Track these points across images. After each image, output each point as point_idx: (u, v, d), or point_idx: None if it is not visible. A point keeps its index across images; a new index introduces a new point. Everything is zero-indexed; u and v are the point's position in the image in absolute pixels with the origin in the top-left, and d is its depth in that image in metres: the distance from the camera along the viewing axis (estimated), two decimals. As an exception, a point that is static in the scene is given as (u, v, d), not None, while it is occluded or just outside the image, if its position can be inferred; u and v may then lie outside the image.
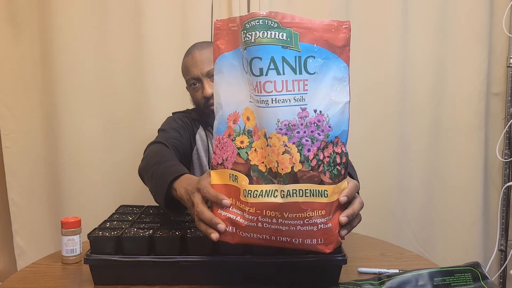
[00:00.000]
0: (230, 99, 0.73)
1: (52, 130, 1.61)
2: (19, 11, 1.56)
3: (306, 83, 0.68)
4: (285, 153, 0.66)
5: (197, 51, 1.23)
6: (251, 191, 0.68)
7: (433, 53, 1.70)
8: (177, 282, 0.86)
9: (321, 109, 0.69)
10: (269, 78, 0.67)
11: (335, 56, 0.71)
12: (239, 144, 0.71)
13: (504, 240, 1.75)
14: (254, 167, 0.69)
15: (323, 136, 0.68)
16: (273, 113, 0.67)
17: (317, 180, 0.67)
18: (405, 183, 1.75)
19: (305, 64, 0.68)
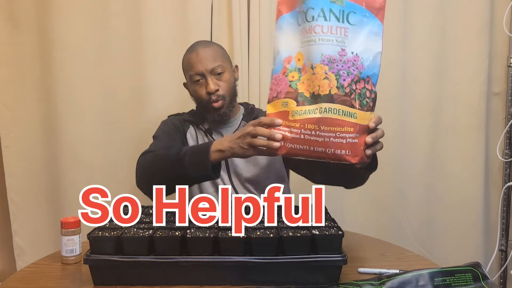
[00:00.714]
0: (285, 46, 0.92)
1: (52, 130, 1.61)
2: (19, 11, 1.56)
3: (347, 30, 0.87)
4: (325, 79, 0.86)
5: (201, 48, 1.25)
6: (297, 111, 0.87)
7: (433, 53, 1.70)
8: (177, 282, 0.85)
9: (357, 52, 0.87)
10: (318, 23, 0.86)
11: (372, 15, 0.88)
12: (291, 78, 0.91)
13: (504, 240, 1.75)
14: (301, 94, 0.89)
15: (357, 72, 0.86)
16: (319, 49, 0.86)
17: (349, 104, 0.85)
18: (405, 183, 1.75)
19: (348, 16, 0.87)
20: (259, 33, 1.63)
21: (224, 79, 1.26)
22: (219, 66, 1.24)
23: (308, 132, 0.85)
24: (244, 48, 1.64)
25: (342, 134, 0.84)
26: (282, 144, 0.88)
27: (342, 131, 0.84)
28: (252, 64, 1.64)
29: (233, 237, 0.84)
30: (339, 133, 0.84)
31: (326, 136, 0.84)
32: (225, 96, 1.27)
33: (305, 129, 0.85)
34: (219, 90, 1.25)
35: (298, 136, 0.86)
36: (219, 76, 1.25)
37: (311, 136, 0.85)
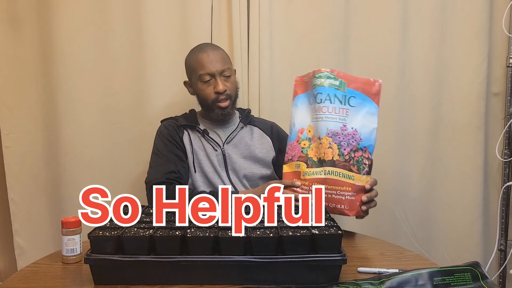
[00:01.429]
0: (299, 120, 1.17)
1: (52, 130, 1.61)
2: (19, 11, 1.56)
3: (348, 111, 1.11)
4: (329, 148, 1.10)
5: (211, 50, 1.34)
6: (307, 172, 1.12)
7: (433, 53, 1.71)
8: (177, 282, 0.86)
9: (356, 128, 1.11)
10: (325, 104, 1.12)
11: (369, 99, 1.12)
12: (303, 145, 1.15)
13: (503, 239, 1.75)
14: (310, 158, 1.13)
15: (355, 143, 1.10)
16: (325, 124, 1.11)
17: (348, 168, 1.09)
18: (405, 183, 1.75)
19: (349, 100, 1.12)
20: (259, 34, 1.63)
21: (231, 81, 1.34)
22: (228, 69, 1.33)
23: None
24: (244, 48, 1.64)
25: (342, 192, 1.07)
26: None
27: (342, 190, 1.07)
28: (252, 64, 1.64)
29: (233, 236, 0.84)
30: (339, 191, 1.08)
31: (329, 193, 1.08)
32: (232, 96, 1.35)
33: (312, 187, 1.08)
34: (227, 90, 1.32)
35: (307, 192, 1.07)
36: (227, 78, 1.33)
37: None
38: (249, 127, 1.43)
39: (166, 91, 1.63)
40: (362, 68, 1.69)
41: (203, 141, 1.36)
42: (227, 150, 1.36)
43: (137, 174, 1.63)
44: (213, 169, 1.34)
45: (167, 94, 1.63)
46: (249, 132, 1.42)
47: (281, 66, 1.67)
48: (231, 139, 1.38)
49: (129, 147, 1.63)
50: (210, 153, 1.34)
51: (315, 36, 1.66)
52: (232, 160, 1.36)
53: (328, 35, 1.66)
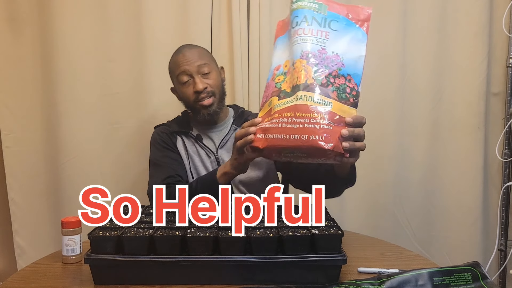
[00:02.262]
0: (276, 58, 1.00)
1: (52, 130, 1.61)
2: (19, 11, 1.56)
3: (328, 34, 0.93)
4: (302, 70, 0.90)
5: (186, 49, 1.28)
6: (278, 104, 0.91)
7: (433, 53, 1.71)
8: (177, 282, 0.86)
9: (338, 52, 0.92)
10: (301, 26, 0.94)
11: (355, 25, 0.95)
12: (277, 80, 0.96)
13: (503, 239, 1.75)
14: (283, 91, 0.93)
15: (335, 67, 0.91)
16: (299, 47, 0.92)
17: (324, 93, 0.88)
18: (405, 183, 1.75)
19: (330, 23, 0.94)
20: (259, 33, 1.63)
21: (211, 78, 1.27)
22: (206, 65, 1.26)
23: (285, 120, 0.87)
24: (244, 48, 1.64)
25: (316, 120, 0.84)
26: (263, 136, 0.89)
27: (316, 117, 0.85)
28: (252, 64, 1.64)
29: (233, 236, 0.84)
30: (313, 119, 0.84)
31: (301, 122, 0.85)
32: (215, 92, 1.28)
33: (282, 118, 0.87)
34: (208, 87, 1.26)
35: (276, 126, 0.87)
36: (206, 75, 1.26)
37: (287, 123, 0.86)
38: None
39: (166, 91, 1.62)
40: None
41: (197, 147, 1.32)
42: (221, 155, 1.31)
43: (137, 174, 1.63)
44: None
45: (167, 94, 1.62)
46: None
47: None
48: (224, 143, 1.32)
49: (129, 147, 1.64)
50: (205, 159, 1.31)
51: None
52: None
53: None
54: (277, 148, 0.88)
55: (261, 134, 0.90)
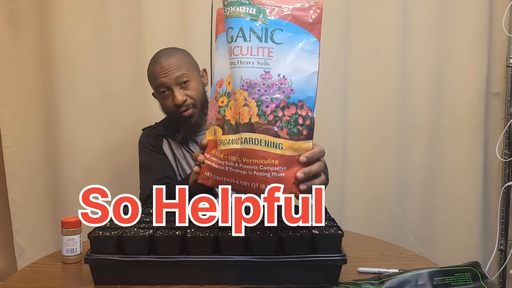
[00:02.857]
0: (219, 68, 0.83)
1: (52, 130, 1.61)
2: (19, 11, 1.56)
3: (271, 50, 0.77)
4: (245, 106, 0.76)
5: (163, 59, 1.22)
6: (222, 140, 0.79)
7: (433, 53, 1.71)
8: (177, 282, 0.86)
9: (285, 74, 0.76)
10: (237, 44, 0.77)
11: (304, 31, 0.78)
12: (220, 103, 0.82)
13: (503, 239, 1.75)
14: (227, 121, 0.80)
15: (283, 96, 0.76)
16: (239, 73, 0.77)
17: (273, 133, 0.75)
18: (405, 183, 1.75)
19: (272, 34, 0.77)
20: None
21: (191, 88, 1.23)
22: (184, 75, 1.21)
23: (231, 164, 0.78)
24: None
25: (266, 167, 0.75)
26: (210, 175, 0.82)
27: (266, 164, 0.75)
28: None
29: (233, 236, 0.84)
30: (262, 165, 0.75)
31: (249, 169, 0.76)
32: (195, 103, 1.24)
33: (228, 161, 0.78)
34: (187, 100, 1.22)
35: (223, 168, 0.79)
36: (185, 85, 1.22)
37: (234, 168, 0.77)
38: None
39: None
40: (362, 68, 1.70)
41: (183, 150, 1.32)
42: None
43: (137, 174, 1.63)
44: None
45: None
46: None
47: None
48: None
49: (129, 147, 1.63)
50: (192, 162, 1.29)
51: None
52: None
53: (327, 35, 1.65)
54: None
55: (209, 172, 0.82)
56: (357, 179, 1.73)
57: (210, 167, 0.82)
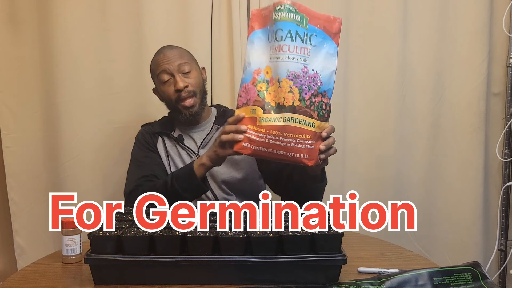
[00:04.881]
0: (256, 59, 1.01)
1: (52, 130, 1.61)
2: (19, 11, 1.56)
3: (309, 51, 0.99)
4: (290, 92, 0.97)
5: (167, 50, 1.29)
6: (264, 118, 0.98)
7: (433, 53, 1.70)
8: (177, 282, 0.86)
9: (317, 70, 0.99)
10: (286, 43, 0.97)
11: (329, 38, 1.00)
12: (259, 88, 1.00)
13: (504, 239, 1.75)
14: (267, 103, 0.99)
15: (316, 87, 0.98)
16: (286, 66, 0.97)
17: (308, 114, 0.97)
18: (405, 183, 1.75)
19: (310, 38, 0.99)
20: (259, 33, 1.63)
21: (192, 77, 1.28)
22: (186, 64, 1.27)
23: (272, 137, 0.96)
24: (244, 48, 1.64)
25: (302, 140, 0.96)
26: (249, 146, 0.98)
27: (302, 138, 0.96)
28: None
29: (233, 236, 0.84)
30: (299, 139, 0.96)
31: (288, 141, 0.96)
32: (196, 92, 1.28)
33: (270, 134, 0.96)
34: (188, 86, 1.26)
35: (263, 140, 0.97)
36: (186, 74, 1.27)
37: (275, 140, 0.96)
38: None
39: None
40: (362, 68, 1.70)
41: (178, 148, 1.33)
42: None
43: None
44: None
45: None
46: None
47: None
48: (206, 143, 1.32)
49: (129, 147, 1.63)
50: (186, 160, 1.31)
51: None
52: None
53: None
54: (261, 157, 0.99)
55: (247, 143, 0.98)
56: (357, 179, 1.73)
57: (250, 139, 0.98)
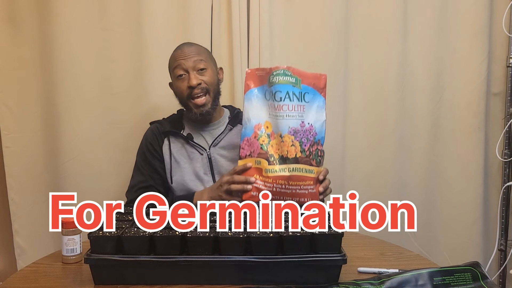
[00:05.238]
0: (255, 115, 1.15)
1: (52, 130, 1.61)
2: (19, 11, 1.56)
3: (304, 107, 1.14)
4: (292, 146, 1.12)
5: (185, 46, 1.31)
6: (270, 169, 1.11)
7: (433, 53, 1.70)
8: (177, 282, 0.86)
9: (311, 123, 1.14)
10: (285, 103, 1.13)
11: (318, 93, 1.15)
12: (262, 142, 1.14)
13: (504, 239, 1.75)
14: (271, 155, 1.13)
15: (312, 138, 1.14)
16: (287, 123, 1.12)
17: (309, 163, 1.12)
18: (405, 183, 1.75)
19: (304, 96, 1.14)
20: (259, 33, 1.63)
21: (207, 75, 1.28)
22: (202, 61, 1.27)
23: (279, 186, 1.10)
24: (244, 48, 1.64)
25: (305, 186, 1.11)
26: (257, 194, 1.10)
27: (305, 184, 1.10)
28: (251, 64, 1.64)
29: (233, 236, 0.85)
30: (303, 185, 1.10)
31: (293, 189, 1.11)
32: (209, 90, 1.28)
33: (277, 184, 1.10)
34: (202, 84, 1.27)
35: (271, 189, 1.11)
36: (202, 71, 1.28)
37: (281, 189, 1.10)
38: (239, 127, 1.28)
39: (166, 91, 1.62)
40: (362, 68, 1.70)
41: (186, 148, 1.32)
42: (213, 153, 1.31)
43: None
44: (195, 177, 1.30)
45: (167, 94, 1.62)
46: (238, 133, 1.32)
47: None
48: (218, 141, 1.32)
49: (129, 147, 1.63)
50: (194, 158, 1.31)
51: (315, 36, 1.66)
52: (219, 164, 1.31)
53: (328, 34, 1.66)
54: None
55: (255, 192, 1.11)
56: (357, 180, 1.73)
57: (258, 188, 1.11)
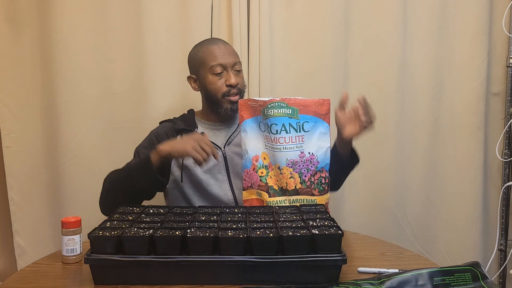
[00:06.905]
0: (252, 147, 1.16)
1: (52, 130, 1.61)
2: (19, 11, 1.56)
3: (303, 137, 1.11)
4: (291, 178, 1.11)
5: (222, 43, 1.32)
6: (270, 201, 1.12)
7: (433, 53, 1.71)
8: (177, 282, 0.86)
9: (313, 152, 1.12)
10: (281, 135, 1.11)
11: (321, 120, 1.12)
12: (260, 173, 1.15)
13: (503, 239, 1.75)
14: (270, 187, 1.14)
15: (314, 168, 1.11)
16: (284, 155, 1.11)
17: (310, 193, 1.11)
18: (405, 183, 1.75)
19: (303, 126, 1.11)
20: (259, 33, 1.63)
21: (241, 76, 1.32)
22: (239, 63, 1.31)
23: None
24: (244, 48, 1.64)
25: None
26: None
27: None
28: (251, 64, 1.64)
29: (233, 236, 0.85)
30: None
31: None
32: (242, 91, 1.32)
33: None
34: (238, 85, 1.29)
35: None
36: (237, 73, 1.30)
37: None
38: None
39: (166, 92, 1.63)
40: (362, 68, 1.70)
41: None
42: (228, 152, 1.31)
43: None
44: (209, 175, 1.28)
45: (167, 94, 1.63)
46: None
47: (281, 66, 1.67)
48: (232, 139, 1.33)
49: (129, 147, 1.62)
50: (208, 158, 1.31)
51: (315, 36, 1.66)
52: (234, 163, 1.30)
53: (328, 35, 1.66)
54: None
55: None
56: (357, 179, 1.73)
57: None
